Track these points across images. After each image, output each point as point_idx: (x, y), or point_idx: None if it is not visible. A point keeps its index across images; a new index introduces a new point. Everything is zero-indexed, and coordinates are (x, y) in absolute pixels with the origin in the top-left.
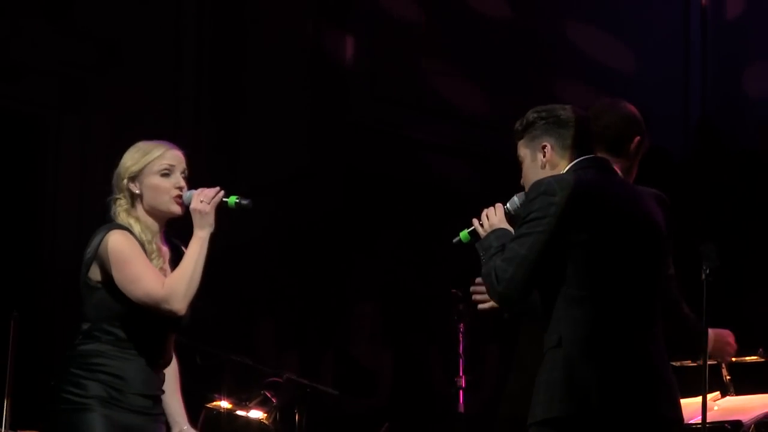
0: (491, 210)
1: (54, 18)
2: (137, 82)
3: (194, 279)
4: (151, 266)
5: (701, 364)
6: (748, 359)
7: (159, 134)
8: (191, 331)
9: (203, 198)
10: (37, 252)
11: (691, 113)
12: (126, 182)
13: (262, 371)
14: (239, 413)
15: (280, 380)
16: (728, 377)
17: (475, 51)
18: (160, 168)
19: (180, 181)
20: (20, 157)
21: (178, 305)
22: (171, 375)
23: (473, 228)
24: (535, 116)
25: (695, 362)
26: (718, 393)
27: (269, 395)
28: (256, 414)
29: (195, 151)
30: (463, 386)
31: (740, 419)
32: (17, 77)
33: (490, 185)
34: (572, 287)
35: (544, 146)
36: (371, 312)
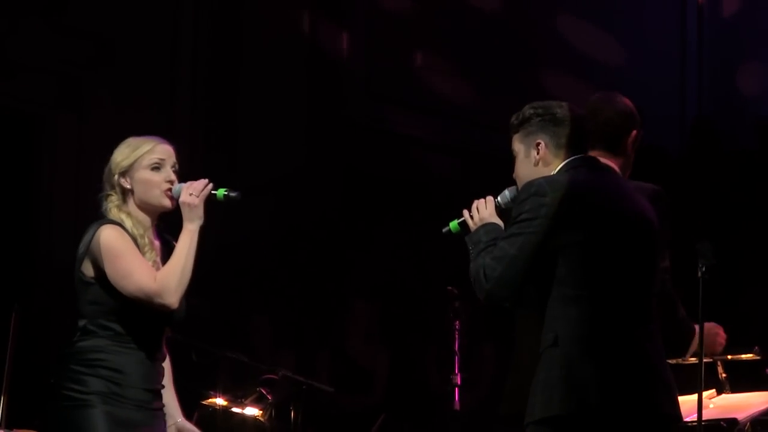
0: (482, 202)
1: (50, 16)
2: (133, 80)
3: (186, 272)
4: (143, 260)
5: (697, 362)
6: (744, 357)
7: (155, 132)
8: (187, 328)
9: (192, 191)
10: (34, 249)
11: (688, 111)
12: (117, 177)
13: (258, 368)
14: (235, 410)
15: (276, 377)
16: (724, 375)
17: (472, 48)
18: (151, 162)
19: (171, 175)
20: (16, 155)
21: (171, 299)
22: (165, 369)
23: (463, 219)
24: (532, 112)
25: (679, 360)
26: (714, 391)
27: (265, 392)
28: (252, 411)
29: (191, 150)
30: (459, 384)
31: (736, 417)
32: (13, 75)
33: (488, 183)
34: (567, 286)
35: (539, 144)
36: (367, 310)
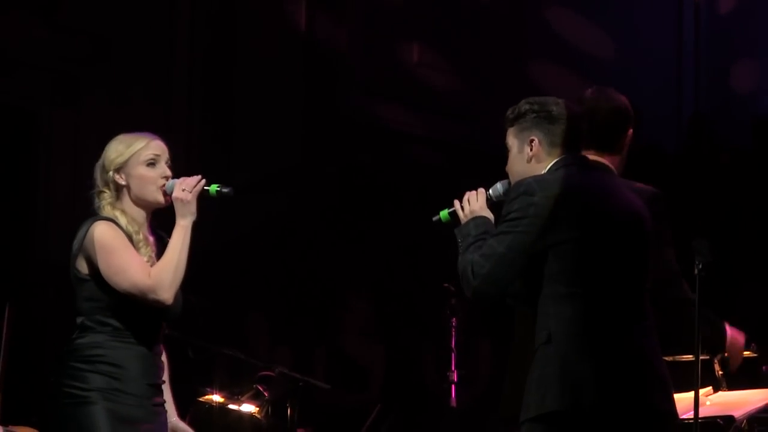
0: (473, 194)
1: (46, 13)
2: (129, 77)
3: (179, 268)
4: (137, 256)
5: (693, 359)
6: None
7: (151, 129)
8: (183, 325)
9: (185, 187)
10: (30, 246)
11: (684, 109)
12: (112, 174)
13: (254, 365)
14: (231, 407)
15: (272, 374)
16: (720, 372)
17: (471, 46)
18: (146, 158)
19: (166, 170)
20: (12, 152)
21: (165, 295)
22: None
23: (453, 209)
24: (527, 108)
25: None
26: (711, 388)
27: (261, 389)
28: (248, 408)
29: (188, 147)
30: (455, 381)
31: (732, 414)
32: (9, 72)
33: (485, 180)
34: (559, 284)
35: (532, 140)
36: (364, 307)
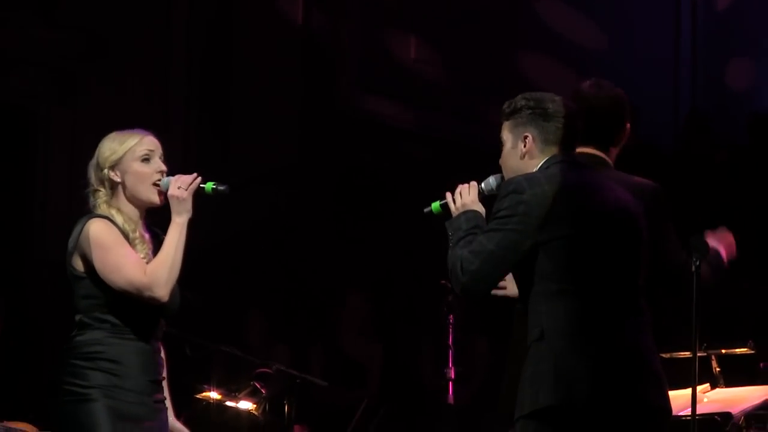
0: (465, 188)
1: (44, 11)
2: (127, 74)
3: (175, 265)
4: (133, 253)
5: (691, 356)
6: (738, 351)
7: (149, 126)
8: (181, 322)
9: (180, 184)
10: (27, 244)
11: (681, 107)
12: (107, 172)
13: (252, 362)
14: (229, 404)
15: (270, 371)
16: (718, 369)
17: (470, 44)
18: (140, 154)
19: (160, 165)
20: (10, 149)
21: (161, 292)
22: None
23: (445, 202)
24: (523, 104)
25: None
26: (708, 385)
27: (259, 386)
28: (246, 405)
29: (185, 144)
30: (453, 378)
31: (730, 411)
32: (7, 69)
33: (482, 177)
34: (550, 282)
35: (526, 136)
36: (361, 304)
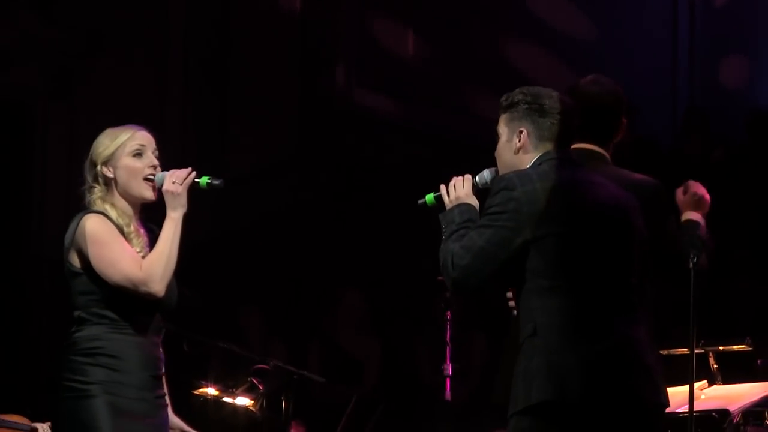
0: (459, 181)
1: (40, 6)
2: (124, 69)
3: (171, 260)
4: (128, 248)
5: (688, 353)
6: (736, 348)
7: (146, 121)
8: (178, 319)
9: (175, 179)
10: (25, 240)
11: (679, 103)
12: (100, 168)
13: (249, 358)
14: (226, 400)
15: (267, 367)
16: (715, 366)
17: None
18: (132, 149)
19: (153, 160)
20: (7, 145)
21: (157, 287)
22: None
23: (439, 194)
24: (520, 98)
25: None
26: (706, 382)
27: (256, 382)
28: (243, 401)
29: (183, 139)
30: (450, 374)
31: (727, 408)
32: (4, 65)
33: (475, 171)
34: (543, 278)
35: (521, 131)
36: (358, 300)
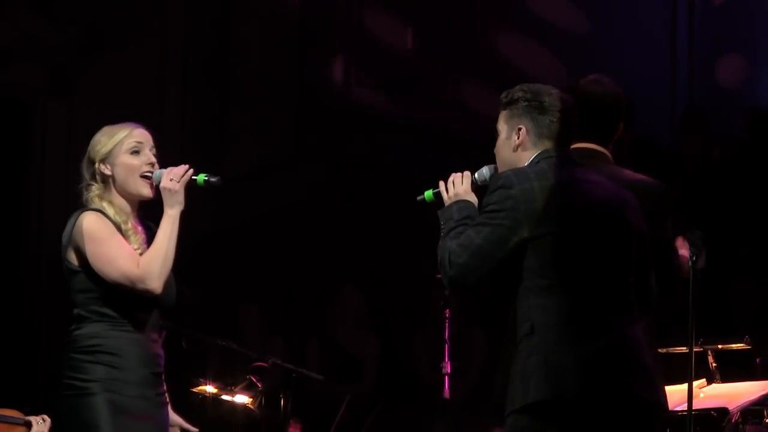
0: (458, 177)
1: (39, 3)
2: (123, 68)
3: (168, 257)
4: (126, 246)
5: (687, 351)
6: (735, 346)
7: (145, 120)
8: (177, 316)
9: (173, 176)
10: (23, 238)
11: (678, 102)
12: (97, 165)
13: (248, 356)
14: (225, 398)
15: (266, 365)
16: (714, 364)
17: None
18: (130, 146)
19: (150, 157)
20: (6, 143)
21: (154, 284)
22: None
23: (438, 190)
24: (520, 95)
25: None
26: (704, 380)
27: (255, 380)
28: (242, 398)
29: (182, 138)
30: (449, 372)
31: (726, 406)
32: (4, 63)
33: (474, 169)
34: (540, 277)
35: (520, 129)
36: (357, 298)
